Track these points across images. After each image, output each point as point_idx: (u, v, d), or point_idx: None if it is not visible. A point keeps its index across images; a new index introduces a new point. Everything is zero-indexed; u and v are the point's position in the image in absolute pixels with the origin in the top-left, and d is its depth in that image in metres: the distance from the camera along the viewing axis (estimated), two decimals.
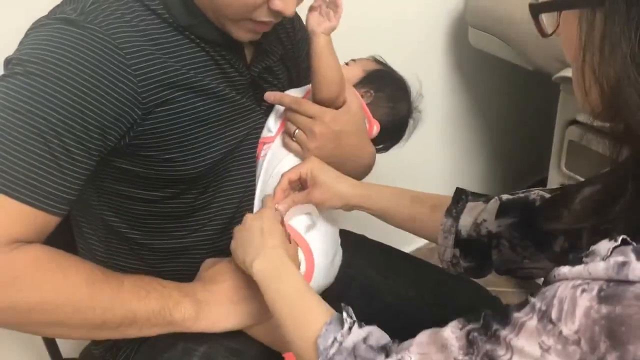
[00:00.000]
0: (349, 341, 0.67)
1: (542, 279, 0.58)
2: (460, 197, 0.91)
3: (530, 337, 0.53)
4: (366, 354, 0.66)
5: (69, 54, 0.74)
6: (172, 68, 0.82)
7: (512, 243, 0.84)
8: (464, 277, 0.97)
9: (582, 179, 1.49)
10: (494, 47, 1.52)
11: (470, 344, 0.58)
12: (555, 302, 0.52)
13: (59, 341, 1.16)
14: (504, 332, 0.55)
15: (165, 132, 0.83)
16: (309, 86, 1.01)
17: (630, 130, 0.53)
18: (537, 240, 0.82)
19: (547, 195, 0.84)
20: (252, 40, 0.89)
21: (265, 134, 1.00)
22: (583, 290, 0.50)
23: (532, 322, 0.53)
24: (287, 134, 0.98)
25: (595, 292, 0.49)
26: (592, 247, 0.52)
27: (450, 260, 0.90)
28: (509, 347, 0.54)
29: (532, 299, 0.54)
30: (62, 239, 0.86)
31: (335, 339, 0.68)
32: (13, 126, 0.73)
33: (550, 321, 0.52)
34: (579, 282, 0.51)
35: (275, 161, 0.99)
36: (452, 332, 0.60)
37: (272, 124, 1.00)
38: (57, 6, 0.83)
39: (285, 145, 1.00)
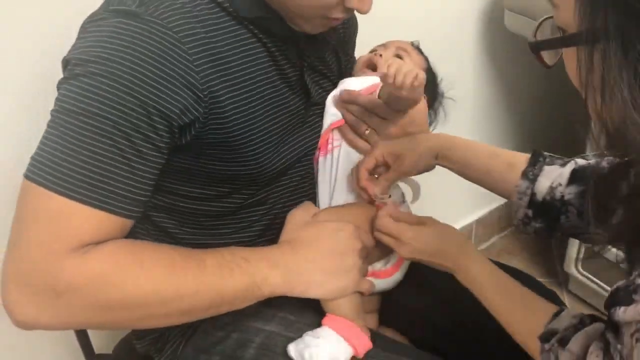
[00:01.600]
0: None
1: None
2: (538, 159, 0.90)
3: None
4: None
5: (131, 51, 0.70)
6: (232, 65, 0.79)
7: (580, 210, 0.84)
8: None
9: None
10: (531, 30, 1.47)
11: None
12: (624, 346, 0.59)
13: (91, 336, 1.14)
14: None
15: (225, 130, 0.80)
16: (371, 79, 0.98)
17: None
18: (598, 209, 0.80)
19: (616, 161, 0.81)
20: (320, 32, 0.86)
21: (331, 118, 0.97)
22: (637, 340, 0.56)
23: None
24: (357, 132, 0.95)
25: None
26: (638, 281, 0.56)
27: (522, 219, 0.90)
28: None
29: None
30: None
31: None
32: (80, 130, 0.70)
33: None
34: (634, 329, 0.57)
35: (347, 165, 0.97)
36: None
37: (334, 109, 0.98)
38: None
39: (352, 144, 0.97)
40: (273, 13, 0.82)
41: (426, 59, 1.11)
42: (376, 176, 0.96)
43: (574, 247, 1.72)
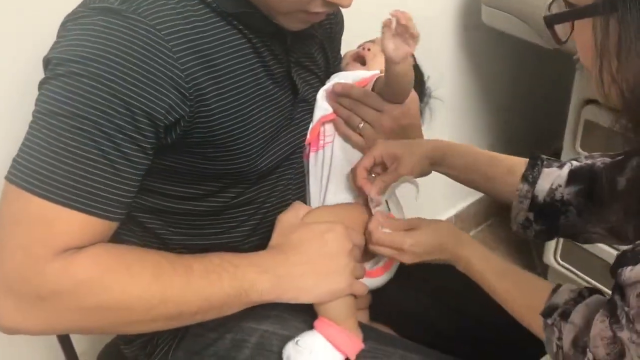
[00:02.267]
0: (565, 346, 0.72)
1: None
2: (536, 162, 0.92)
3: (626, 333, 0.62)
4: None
5: (113, 50, 0.68)
6: (217, 62, 0.77)
7: (579, 209, 0.87)
8: None
9: None
10: (509, 25, 1.49)
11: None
12: (630, 308, 0.61)
13: (74, 342, 1.11)
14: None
15: (210, 128, 0.78)
16: (363, 73, 0.97)
17: None
18: (596, 207, 0.85)
19: (608, 160, 0.86)
20: (302, 29, 0.85)
21: (322, 112, 0.96)
22: None
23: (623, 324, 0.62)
24: (350, 126, 0.95)
25: None
26: None
27: (523, 223, 0.92)
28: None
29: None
30: None
31: (557, 345, 0.73)
32: (62, 132, 0.68)
33: (629, 321, 0.61)
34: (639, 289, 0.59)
35: (341, 161, 0.96)
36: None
37: (326, 104, 0.97)
38: None
39: (346, 138, 0.97)
40: (256, 8, 0.80)
41: (413, 56, 1.11)
42: (373, 175, 0.95)
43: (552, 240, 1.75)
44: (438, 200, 1.90)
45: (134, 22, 0.70)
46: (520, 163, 0.93)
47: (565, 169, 0.89)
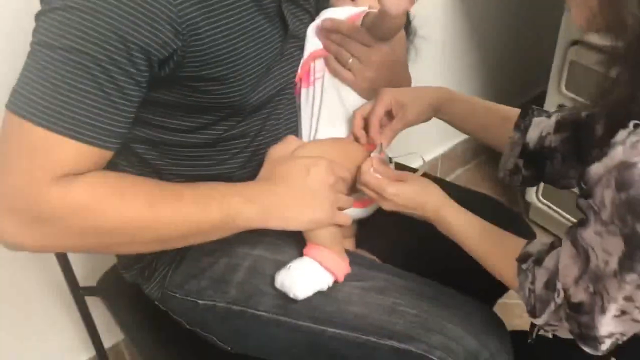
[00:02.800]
0: (538, 286, 0.78)
1: None
2: (527, 112, 0.97)
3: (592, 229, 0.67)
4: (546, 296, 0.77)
5: (103, 6, 0.70)
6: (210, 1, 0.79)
7: (564, 155, 0.93)
8: None
9: (581, 100, 1.52)
10: None
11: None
12: (597, 203, 0.65)
13: (75, 269, 1.16)
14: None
15: (203, 62, 0.81)
16: (353, 9, 1.00)
17: (627, 35, 0.61)
18: (579, 153, 0.91)
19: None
20: None
21: (312, 47, 0.99)
22: (607, 187, 0.62)
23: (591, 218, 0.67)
24: (340, 61, 0.97)
25: (613, 185, 0.61)
26: (612, 140, 0.63)
27: (511, 169, 0.98)
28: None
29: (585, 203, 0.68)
30: None
31: (529, 289, 0.78)
32: (60, 64, 0.71)
33: (595, 213, 0.65)
34: (604, 179, 0.63)
35: (331, 96, 0.99)
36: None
37: (316, 39, 0.99)
38: None
39: (336, 74, 0.99)
40: None
41: None
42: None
43: None
44: (426, 139, 1.94)
45: None
46: (513, 113, 0.99)
47: (553, 118, 0.95)
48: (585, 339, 0.72)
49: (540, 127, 0.95)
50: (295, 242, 0.94)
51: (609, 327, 0.69)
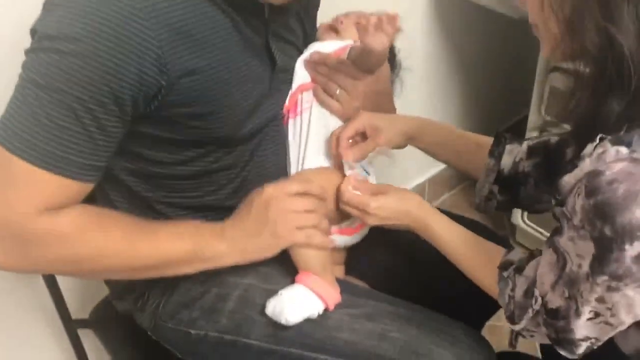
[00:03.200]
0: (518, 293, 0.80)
1: None
2: (500, 139, 1.00)
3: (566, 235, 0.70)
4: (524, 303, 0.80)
5: (96, 30, 0.73)
6: (197, 37, 0.81)
7: (536, 180, 0.96)
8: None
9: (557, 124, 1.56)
10: None
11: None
12: (569, 208, 0.69)
13: (68, 301, 1.17)
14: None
15: (190, 100, 0.83)
16: (338, 43, 1.03)
17: (588, 59, 0.67)
18: (551, 178, 0.91)
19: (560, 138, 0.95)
20: (283, 2, 0.89)
21: (300, 80, 1.02)
22: (578, 195, 0.66)
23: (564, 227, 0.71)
24: (328, 92, 1.01)
25: (582, 192, 0.65)
26: (581, 153, 0.68)
27: (486, 195, 1.01)
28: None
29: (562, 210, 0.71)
30: None
31: (509, 295, 0.81)
32: (46, 103, 0.74)
33: (568, 219, 0.69)
34: (576, 188, 0.67)
35: (319, 126, 1.02)
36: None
37: (304, 72, 1.02)
38: None
39: (324, 104, 1.02)
40: None
41: None
42: (350, 141, 1.01)
43: None
44: (411, 164, 1.96)
45: (116, 2, 0.74)
46: (486, 140, 1.02)
47: (525, 145, 0.99)
48: (561, 343, 0.75)
49: (514, 153, 0.99)
50: (285, 271, 0.96)
51: (584, 330, 0.72)
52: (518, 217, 1.88)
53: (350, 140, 1.01)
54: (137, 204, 0.95)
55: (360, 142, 1.01)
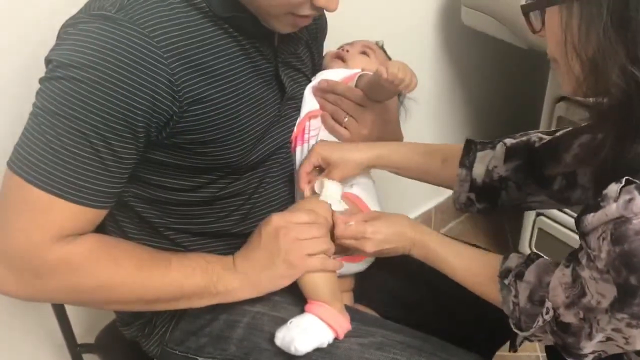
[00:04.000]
0: (522, 302, 0.80)
1: None
2: (470, 147, 1.00)
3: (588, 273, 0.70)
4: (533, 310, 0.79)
5: (110, 58, 0.75)
6: (208, 65, 0.83)
7: (518, 183, 0.95)
8: None
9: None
10: (487, 25, 1.55)
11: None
12: (592, 250, 0.68)
13: (74, 326, 1.16)
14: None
15: (201, 127, 0.84)
16: (347, 71, 1.04)
17: (612, 100, 0.65)
18: (538, 179, 0.93)
19: (546, 138, 0.94)
20: (292, 31, 0.90)
21: (308, 107, 1.02)
22: (603, 239, 0.65)
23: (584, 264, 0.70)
24: (336, 120, 1.02)
25: (609, 238, 0.64)
26: (604, 192, 0.66)
27: (465, 202, 1.00)
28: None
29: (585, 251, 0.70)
30: None
31: (512, 302, 0.81)
32: (60, 131, 0.75)
33: (590, 260, 0.68)
34: (600, 231, 0.66)
35: None
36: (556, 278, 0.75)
37: (313, 100, 1.03)
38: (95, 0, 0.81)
39: (332, 131, 1.03)
40: (247, 12, 0.85)
41: (389, 58, 1.17)
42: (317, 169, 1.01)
43: (527, 230, 1.82)
44: (418, 192, 1.96)
45: (129, 31, 0.76)
46: (454, 150, 1.01)
47: (499, 148, 0.97)
48: (569, 353, 0.75)
49: (486, 160, 0.97)
50: (294, 299, 0.95)
51: (593, 347, 0.72)
52: (525, 246, 1.87)
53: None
54: (146, 229, 0.95)
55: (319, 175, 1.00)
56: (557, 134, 0.93)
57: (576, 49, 0.65)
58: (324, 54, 1.15)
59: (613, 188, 0.65)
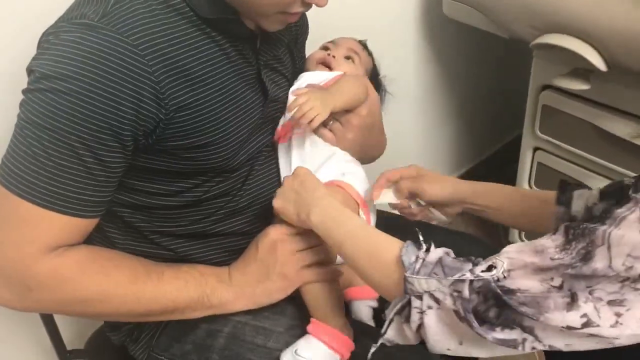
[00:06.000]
0: (432, 256, 0.71)
1: None
2: (565, 187, 0.95)
3: (631, 226, 0.60)
4: (453, 264, 0.70)
5: (92, 68, 0.73)
6: (191, 70, 0.82)
7: None
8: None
9: (555, 142, 1.56)
10: (469, 16, 1.54)
11: (568, 242, 0.64)
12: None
13: (63, 332, 1.16)
14: (602, 227, 0.62)
15: (187, 133, 0.84)
16: (329, 74, 1.04)
17: None
18: None
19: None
20: (280, 29, 0.90)
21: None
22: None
23: (636, 214, 0.60)
24: (322, 124, 1.01)
25: None
26: None
27: None
28: (606, 239, 0.61)
29: (635, 195, 0.62)
30: None
31: (417, 256, 0.72)
32: (46, 143, 0.75)
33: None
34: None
35: (308, 150, 1.02)
36: (548, 238, 0.66)
37: None
38: (77, 6, 0.80)
39: (319, 135, 1.03)
40: (233, 13, 0.85)
41: (373, 58, 1.17)
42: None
43: (526, 166, 1.76)
44: None
45: (113, 40, 0.75)
46: (549, 193, 0.96)
47: (595, 191, 0.91)
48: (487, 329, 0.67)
49: (584, 197, 0.92)
50: (275, 308, 0.95)
51: (553, 339, 0.65)
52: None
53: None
54: (131, 234, 0.95)
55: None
56: None
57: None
58: (307, 54, 1.14)
59: None
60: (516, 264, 0.66)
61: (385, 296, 0.78)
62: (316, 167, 1.01)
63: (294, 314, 0.96)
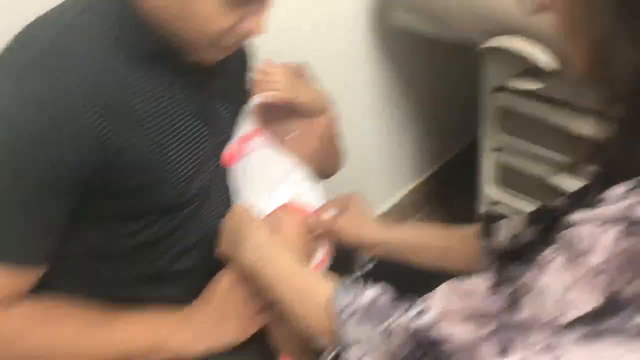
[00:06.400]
0: (365, 299, 0.68)
1: None
2: (486, 219, 0.92)
3: (555, 273, 0.58)
4: (384, 308, 0.66)
5: (31, 116, 0.71)
6: (133, 110, 0.80)
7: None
8: None
9: (515, 141, 1.56)
10: (417, 24, 1.54)
11: (499, 282, 0.62)
12: (583, 238, 0.56)
13: None
14: (529, 272, 0.60)
15: (132, 174, 0.81)
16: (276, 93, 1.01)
17: (616, 87, 0.58)
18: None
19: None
20: (222, 58, 0.88)
21: (241, 132, 0.99)
22: (607, 228, 0.55)
23: (559, 259, 0.58)
24: (283, 133, 1.00)
25: (620, 228, 0.54)
26: (602, 195, 0.57)
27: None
28: (532, 286, 0.59)
29: (553, 245, 0.59)
30: None
31: (348, 301, 0.68)
32: None
33: (580, 255, 0.56)
34: (599, 222, 0.56)
35: (257, 175, 0.99)
36: (479, 277, 0.64)
37: (247, 125, 1.00)
38: (14, 45, 0.77)
39: (280, 147, 1.00)
40: (171, 47, 0.83)
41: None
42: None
43: (489, 169, 1.74)
44: (374, 191, 1.96)
45: (51, 86, 0.72)
46: (469, 229, 0.94)
47: (521, 216, 0.89)
48: None
49: (510, 226, 0.89)
50: (243, 346, 0.91)
51: None
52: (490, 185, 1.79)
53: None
54: (86, 278, 0.91)
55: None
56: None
57: (582, 31, 0.60)
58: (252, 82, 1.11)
59: (614, 191, 0.57)
60: (447, 308, 0.63)
61: (320, 341, 0.74)
62: (270, 190, 0.98)
63: (262, 351, 0.93)
